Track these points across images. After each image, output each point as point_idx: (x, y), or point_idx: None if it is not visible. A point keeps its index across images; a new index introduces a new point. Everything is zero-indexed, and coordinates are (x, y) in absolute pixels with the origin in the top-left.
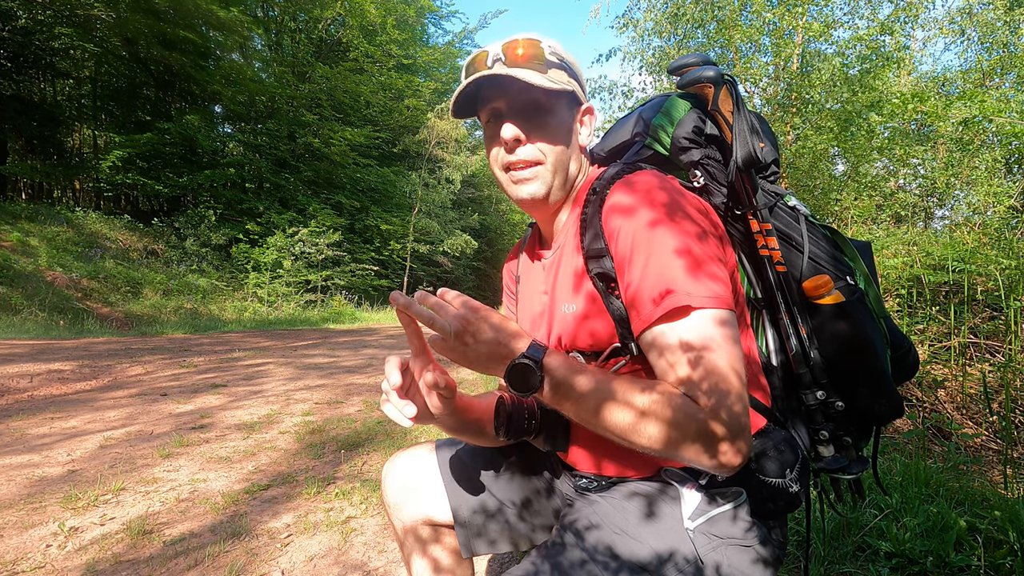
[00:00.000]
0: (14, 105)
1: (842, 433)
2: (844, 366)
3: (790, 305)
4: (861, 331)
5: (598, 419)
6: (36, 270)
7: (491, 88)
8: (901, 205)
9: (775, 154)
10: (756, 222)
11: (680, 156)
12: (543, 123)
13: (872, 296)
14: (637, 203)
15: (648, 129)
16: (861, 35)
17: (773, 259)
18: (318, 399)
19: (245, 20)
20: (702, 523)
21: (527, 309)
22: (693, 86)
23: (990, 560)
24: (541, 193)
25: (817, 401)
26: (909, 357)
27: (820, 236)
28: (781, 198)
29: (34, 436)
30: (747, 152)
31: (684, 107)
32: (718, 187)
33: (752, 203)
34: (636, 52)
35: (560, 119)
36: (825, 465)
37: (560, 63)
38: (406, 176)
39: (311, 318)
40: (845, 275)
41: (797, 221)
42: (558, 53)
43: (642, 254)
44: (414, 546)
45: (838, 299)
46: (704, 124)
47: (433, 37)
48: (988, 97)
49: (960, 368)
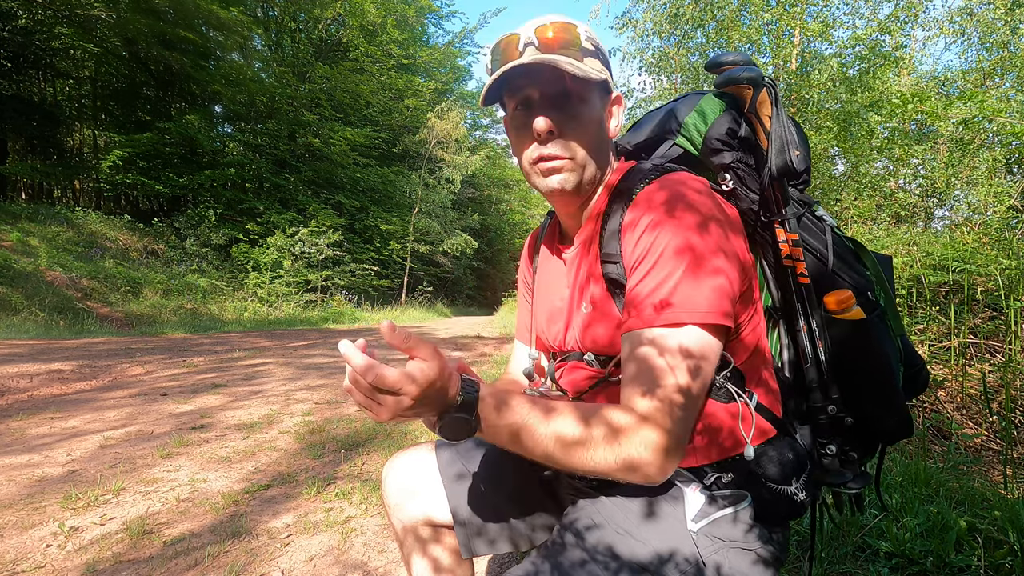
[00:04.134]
0: (14, 105)
1: (848, 448)
2: (857, 382)
3: (808, 318)
4: (878, 349)
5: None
6: (36, 270)
7: (523, 76)
8: (901, 205)
9: (808, 162)
10: (783, 231)
11: (711, 158)
12: (577, 115)
13: (891, 313)
14: (662, 209)
15: (680, 127)
16: (860, 35)
17: (796, 270)
18: (318, 399)
19: (245, 20)
20: (705, 525)
21: (544, 303)
22: (731, 86)
23: (990, 560)
24: (570, 186)
25: (827, 414)
26: (921, 375)
27: (844, 248)
28: (809, 207)
29: (34, 436)
30: (783, 161)
31: (719, 107)
32: (746, 192)
33: (782, 212)
34: (636, 52)
35: (593, 110)
36: (828, 478)
37: (595, 50)
38: (406, 176)
39: (311, 318)
40: (866, 290)
41: (823, 232)
42: (593, 39)
43: (653, 259)
44: (414, 546)
45: (858, 316)
46: (738, 126)
47: (433, 37)
48: (988, 97)
49: (960, 368)
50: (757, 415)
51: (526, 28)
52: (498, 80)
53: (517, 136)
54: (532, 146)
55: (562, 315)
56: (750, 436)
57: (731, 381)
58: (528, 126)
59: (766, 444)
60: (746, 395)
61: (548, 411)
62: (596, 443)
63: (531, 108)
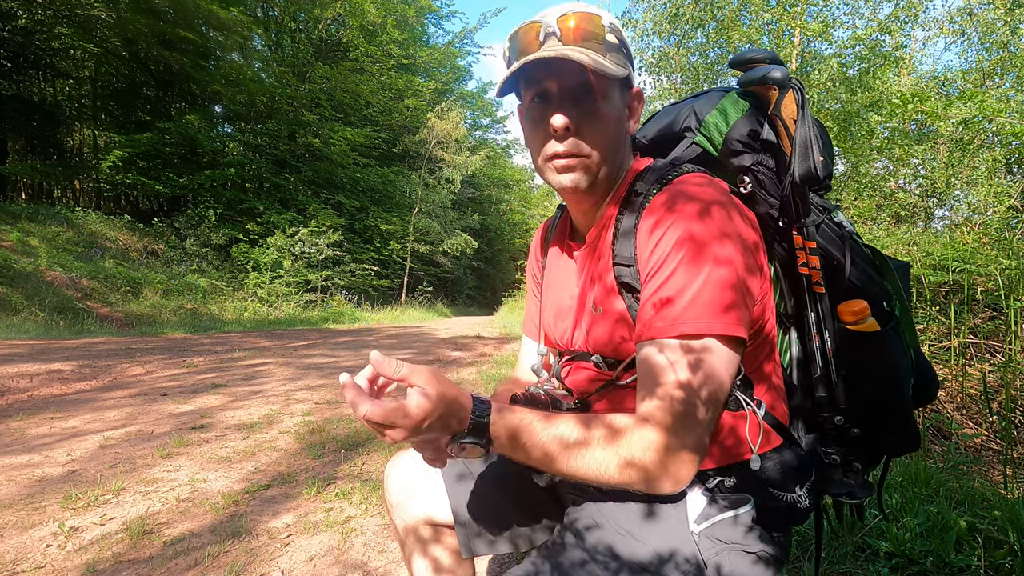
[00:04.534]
0: (14, 105)
1: (853, 458)
2: (866, 394)
3: (821, 327)
4: (891, 362)
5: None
6: (36, 270)
7: (543, 67)
8: (901, 205)
9: (831, 167)
10: (801, 238)
11: (731, 159)
12: (596, 112)
13: (905, 324)
14: (680, 213)
15: (700, 125)
16: (860, 35)
17: (812, 279)
18: (318, 399)
19: (245, 20)
20: (706, 527)
21: (553, 301)
22: (756, 86)
23: (990, 560)
24: (584, 184)
25: (834, 425)
26: (931, 387)
27: (862, 257)
28: (829, 213)
29: (34, 436)
30: (807, 167)
31: (742, 107)
32: (765, 196)
33: (802, 220)
34: (635, 52)
35: (613, 107)
36: (831, 488)
37: (619, 44)
38: (406, 176)
39: (311, 318)
40: (882, 301)
41: (842, 240)
42: (617, 31)
43: (670, 268)
44: (415, 546)
45: (873, 327)
46: (761, 128)
47: (433, 37)
48: (988, 97)
49: (960, 368)
50: (764, 423)
51: (548, 16)
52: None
53: (533, 129)
54: (549, 142)
55: (570, 314)
56: (757, 445)
57: (739, 389)
58: (545, 120)
59: (771, 451)
60: (754, 403)
61: (550, 418)
62: (596, 443)
63: (548, 101)
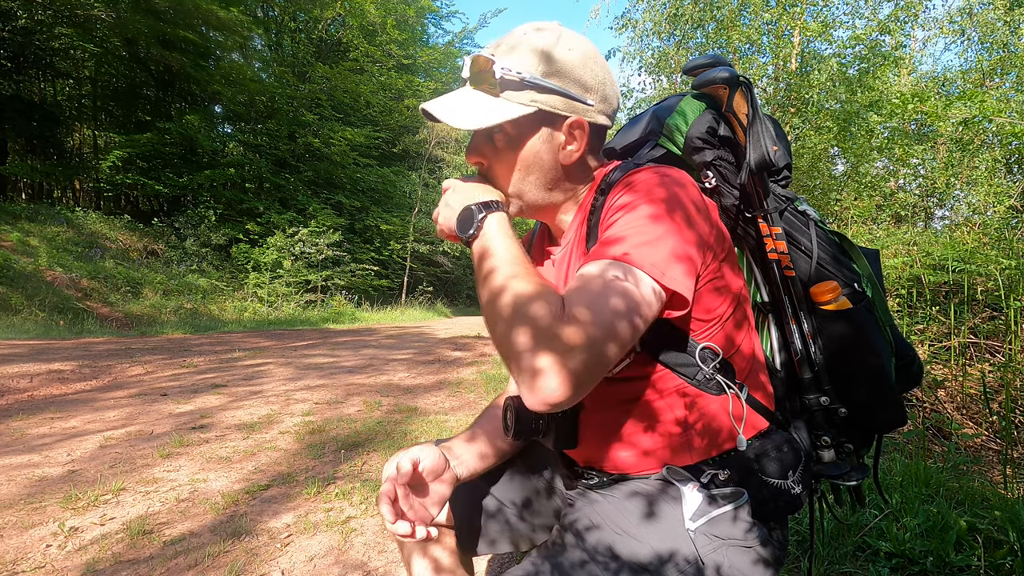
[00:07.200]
0: (14, 105)
1: (844, 439)
2: (848, 372)
3: (796, 309)
4: (866, 338)
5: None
6: (36, 270)
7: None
8: (901, 205)
9: (788, 158)
10: (766, 225)
11: (693, 156)
12: (495, 152)
13: (879, 304)
14: (632, 201)
15: (662, 128)
16: (860, 35)
17: (782, 263)
18: (318, 399)
19: (245, 20)
20: (703, 524)
21: None
22: (708, 87)
23: (990, 560)
24: (514, 212)
25: (820, 406)
26: (913, 367)
27: (829, 242)
28: (792, 202)
29: (34, 436)
30: (760, 155)
31: (699, 107)
32: (730, 189)
33: (763, 206)
34: (635, 53)
35: (518, 145)
36: (826, 471)
37: (521, 82)
38: (406, 176)
39: (311, 318)
40: (852, 282)
41: (807, 226)
42: (521, 68)
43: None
44: (414, 546)
45: (844, 305)
46: (718, 125)
47: (433, 37)
48: (988, 97)
49: (960, 368)
50: (748, 408)
51: (471, 57)
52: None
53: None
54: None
55: None
56: (742, 426)
57: (721, 372)
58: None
59: (760, 437)
60: (736, 387)
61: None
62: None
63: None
